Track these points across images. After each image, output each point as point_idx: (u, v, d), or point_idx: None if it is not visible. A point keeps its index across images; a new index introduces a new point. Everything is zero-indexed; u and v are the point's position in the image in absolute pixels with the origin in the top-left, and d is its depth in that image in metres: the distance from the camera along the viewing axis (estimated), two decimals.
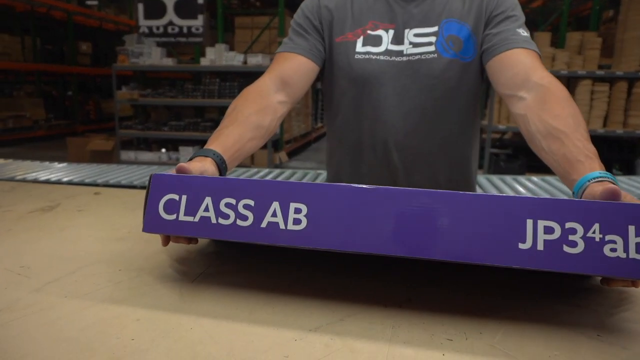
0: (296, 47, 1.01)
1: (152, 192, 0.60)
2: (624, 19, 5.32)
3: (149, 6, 6.36)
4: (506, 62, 0.91)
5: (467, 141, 1.07)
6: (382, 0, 1.02)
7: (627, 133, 5.23)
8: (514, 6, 0.98)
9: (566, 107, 0.78)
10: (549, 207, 0.49)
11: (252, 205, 0.56)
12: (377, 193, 0.53)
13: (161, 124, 6.31)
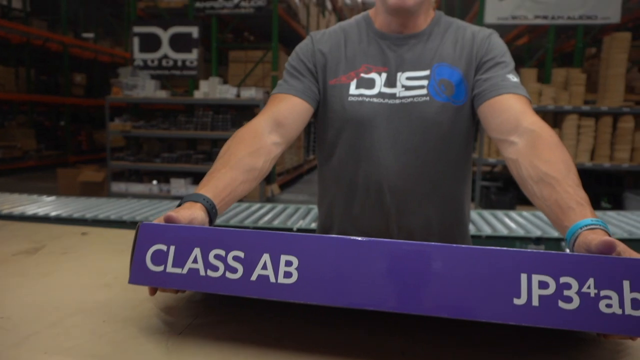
0: (291, 88, 1.02)
1: (139, 242, 0.59)
2: (607, 57, 5.49)
3: (144, 40, 6.46)
4: (497, 107, 0.93)
5: (460, 183, 1.07)
6: (374, 44, 1.04)
7: (614, 166, 5.31)
8: (503, 52, 1.01)
9: (557, 153, 0.79)
10: (543, 261, 0.49)
11: (242, 257, 0.55)
12: (369, 245, 0.53)
13: (153, 155, 6.31)
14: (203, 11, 6.38)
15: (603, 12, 5.48)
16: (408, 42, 1.02)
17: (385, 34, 1.04)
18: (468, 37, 1.03)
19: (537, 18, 5.64)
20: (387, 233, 1.05)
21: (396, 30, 1.03)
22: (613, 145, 5.33)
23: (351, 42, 1.05)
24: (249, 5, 6.27)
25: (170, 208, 2.82)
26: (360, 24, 1.08)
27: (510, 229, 2.26)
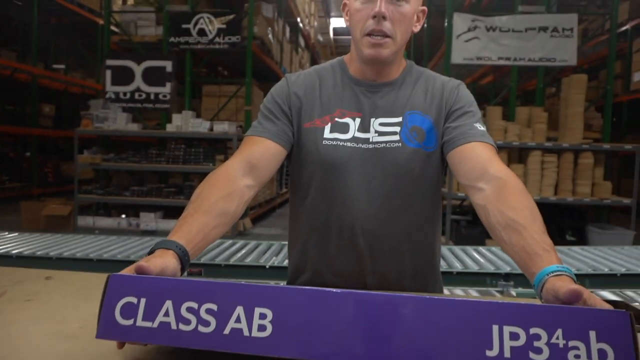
0: (264, 131, 1.03)
1: (108, 294, 0.57)
2: (566, 97, 5.78)
3: (117, 73, 6.43)
4: (465, 154, 0.97)
5: (431, 226, 1.09)
6: (349, 89, 1.07)
7: (577, 201, 5.51)
8: (471, 102, 1.06)
9: (522, 200, 0.83)
10: (513, 311, 0.50)
11: (215, 309, 0.54)
12: (344, 297, 0.53)
13: (123, 188, 6.18)
14: (177, 46, 6.43)
15: (561, 55, 5.81)
16: (382, 89, 1.06)
17: (359, 81, 1.07)
18: (438, 86, 1.07)
19: (500, 59, 5.93)
20: (360, 275, 1.05)
21: (370, 77, 1.06)
22: (575, 180, 5.54)
23: (326, 86, 1.08)
24: (223, 41, 6.36)
25: (139, 245, 2.74)
26: (335, 68, 1.11)
27: (480, 265, 2.29)
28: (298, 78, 1.10)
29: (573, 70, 7.27)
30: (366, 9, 0.98)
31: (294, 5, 9.04)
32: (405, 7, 0.98)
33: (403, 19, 0.99)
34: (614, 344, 0.47)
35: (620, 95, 8.61)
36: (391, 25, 0.98)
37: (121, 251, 2.53)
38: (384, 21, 0.97)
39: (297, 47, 10.08)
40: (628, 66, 8.71)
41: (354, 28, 1.02)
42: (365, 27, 0.99)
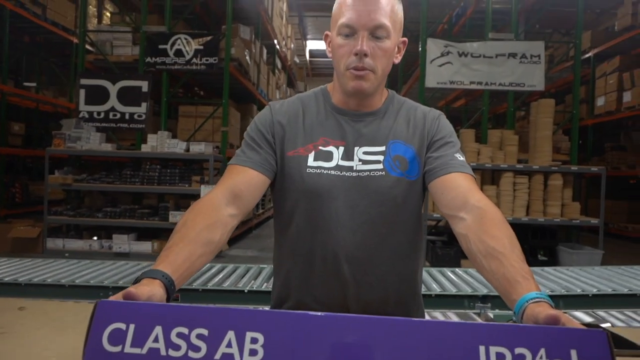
0: (248, 160, 1.04)
1: (96, 320, 0.56)
2: (535, 120, 5.99)
3: (91, 92, 6.34)
4: (447, 184, 1.00)
5: (414, 254, 1.11)
6: (332, 118, 1.09)
7: (548, 221, 5.66)
8: (451, 133, 1.10)
9: (502, 229, 0.87)
10: (498, 333, 0.52)
11: (206, 334, 0.54)
12: (333, 320, 0.54)
13: (95, 210, 6.03)
14: (154, 66, 6.41)
15: (529, 80, 6.04)
16: (365, 119, 1.08)
17: (343, 110, 1.09)
18: (420, 117, 1.10)
19: (472, 84, 6.12)
20: (344, 303, 1.05)
21: (353, 107, 1.09)
22: (545, 201, 5.71)
23: (309, 114, 1.10)
24: (200, 62, 6.37)
25: (113, 269, 2.67)
26: (318, 97, 1.13)
27: (458, 287, 2.32)
28: (282, 106, 1.12)
29: (541, 94, 7.56)
30: (348, 45, 1.01)
31: (271, 27, 9.16)
32: (386, 42, 1.01)
33: (384, 54, 1.02)
34: None
35: (585, 119, 8.98)
36: (373, 60, 1.00)
37: (94, 276, 2.46)
38: (366, 58, 0.99)
39: (274, 68, 10.17)
40: (592, 91, 9.11)
41: (337, 62, 1.04)
42: (348, 63, 1.01)
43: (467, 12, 8.67)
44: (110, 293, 2.34)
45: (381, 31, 1.00)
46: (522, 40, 6.63)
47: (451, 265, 5.34)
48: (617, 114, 8.40)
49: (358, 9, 0.99)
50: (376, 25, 0.99)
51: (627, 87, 8.13)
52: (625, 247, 7.73)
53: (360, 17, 0.98)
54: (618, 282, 2.47)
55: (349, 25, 0.99)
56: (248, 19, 8.28)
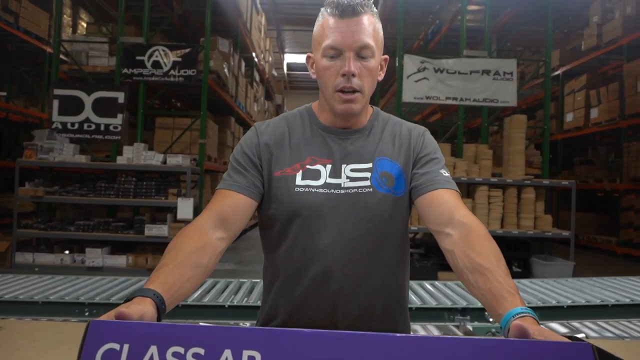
0: (234, 184, 1.05)
1: (88, 341, 0.56)
2: (508, 135, 6.16)
3: (65, 102, 6.21)
4: (433, 201, 1.03)
5: (401, 269, 1.12)
6: (319, 136, 1.10)
7: (521, 233, 5.80)
8: (436, 149, 1.13)
9: (487, 245, 0.90)
10: (486, 347, 0.54)
11: (202, 354, 0.54)
12: (331, 338, 0.55)
13: (67, 223, 5.87)
14: (131, 77, 6.34)
15: (502, 96, 6.23)
16: (351, 136, 1.10)
17: (329, 128, 1.11)
18: (405, 133, 1.13)
19: (448, 99, 6.27)
20: (332, 319, 1.06)
21: (340, 126, 1.11)
22: (519, 214, 5.85)
23: (295, 133, 1.11)
24: (178, 74, 6.33)
25: (89, 285, 2.60)
26: (303, 116, 1.15)
27: (437, 300, 2.35)
28: (267, 127, 1.12)
29: (513, 110, 7.79)
30: (334, 66, 1.02)
31: (249, 40, 9.19)
32: (372, 61, 1.03)
33: (370, 73, 1.04)
34: None
35: (555, 134, 9.27)
36: (360, 80, 1.02)
37: (69, 292, 2.39)
38: (353, 78, 1.01)
39: (252, 81, 10.19)
40: (561, 107, 9.43)
41: (324, 84, 1.06)
42: (335, 84, 1.03)
43: (442, 29, 8.91)
44: (86, 310, 2.28)
45: (366, 51, 1.02)
46: (495, 57, 6.84)
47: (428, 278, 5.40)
48: (585, 129, 8.72)
49: (342, 31, 1.01)
50: (361, 46, 1.01)
51: (594, 104, 8.46)
52: (594, 258, 7.97)
53: (345, 38, 1.00)
54: (590, 293, 2.55)
55: (334, 47, 1.01)
56: (227, 32, 8.30)
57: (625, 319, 2.31)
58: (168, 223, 5.72)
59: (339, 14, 1.01)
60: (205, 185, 6.58)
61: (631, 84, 7.64)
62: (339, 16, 1.01)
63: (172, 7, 7.59)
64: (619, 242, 7.93)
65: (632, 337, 2.08)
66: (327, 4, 1.04)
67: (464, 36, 6.60)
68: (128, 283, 2.64)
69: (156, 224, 5.71)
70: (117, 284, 2.61)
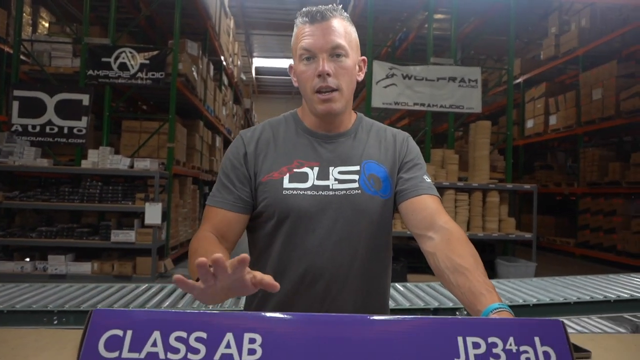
0: (223, 202, 1.09)
1: (91, 328, 0.56)
2: (474, 141, 6.35)
3: (25, 104, 5.99)
4: (416, 206, 1.07)
5: (385, 270, 1.16)
6: (305, 140, 1.13)
7: (486, 236, 5.98)
8: (419, 155, 1.18)
9: (467, 248, 0.95)
10: (473, 325, 0.58)
11: (205, 337, 0.55)
12: (327, 320, 0.57)
13: (28, 229, 5.65)
14: (96, 79, 6.18)
15: (468, 103, 6.43)
16: (337, 139, 1.14)
17: (315, 132, 1.14)
18: (390, 138, 1.18)
19: (416, 105, 6.41)
20: None
21: (325, 129, 1.14)
22: (484, 217, 6.04)
23: (281, 138, 1.13)
24: (146, 76, 6.22)
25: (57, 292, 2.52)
26: (288, 121, 1.17)
27: (410, 301, 2.41)
28: (253, 134, 1.15)
29: (477, 116, 8.05)
30: (310, 68, 1.07)
31: (218, 44, 9.13)
32: (346, 61, 1.08)
33: (346, 72, 1.08)
34: (554, 346, 0.57)
35: (517, 140, 9.63)
36: (336, 79, 1.06)
37: (36, 300, 2.31)
38: (329, 77, 1.05)
39: (220, 85, 10.11)
40: (522, 114, 9.81)
41: (303, 87, 1.10)
42: (313, 85, 1.07)
43: (409, 37, 9.12)
44: (55, 318, 2.21)
45: (339, 50, 1.07)
46: (460, 65, 7.06)
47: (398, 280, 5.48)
48: (544, 135, 9.10)
49: (314, 34, 1.06)
50: (333, 46, 1.06)
51: (553, 111, 8.85)
52: (554, 258, 8.30)
53: (317, 41, 1.05)
54: (554, 291, 2.67)
55: (308, 49, 1.06)
56: (195, 35, 8.22)
57: (585, 316, 2.44)
58: (135, 228, 5.59)
59: (310, 20, 1.07)
60: (173, 189, 6.47)
61: (587, 92, 8.04)
62: (309, 22, 1.07)
63: (139, 8, 7.46)
64: (577, 243, 8.29)
65: (592, 332, 2.20)
66: (299, 14, 1.10)
67: (430, 44, 6.79)
68: (97, 290, 2.58)
69: (123, 230, 5.57)
70: (86, 291, 2.55)
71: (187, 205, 7.39)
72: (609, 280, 3.00)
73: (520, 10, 7.76)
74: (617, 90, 7.36)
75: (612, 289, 2.71)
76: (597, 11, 8.16)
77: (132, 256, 5.67)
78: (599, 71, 7.82)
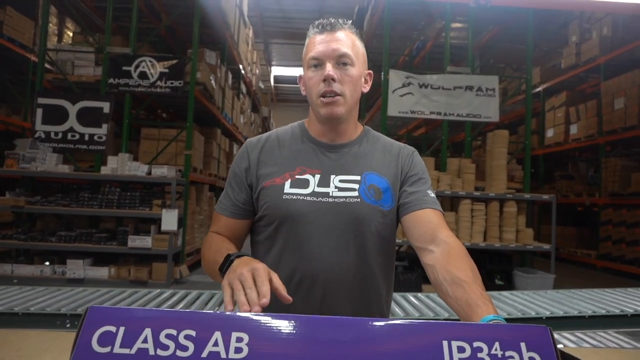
0: (227, 209, 1.17)
1: (86, 324, 0.58)
2: (491, 150, 6.28)
3: (48, 111, 6.17)
4: (419, 219, 1.08)
5: (384, 279, 1.16)
6: (309, 148, 1.16)
7: (504, 247, 5.89)
8: (424, 170, 1.19)
9: (466, 262, 0.96)
10: (458, 329, 0.58)
11: (194, 335, 0.57)
12: (316, 322, 0.58)
13: (48, 233, 5.79)
14: (117, 87, 6.33)
15: (485, 112, 6.37)
16: (341, 149, 1.16)
17: (319, 141, 1.17)
18: (395, 152, 1.19)
19: (432, 114, 6.39)
20: None
21: (330, 138, 1.16)
22: (501, 227, 5.95)
23: (286, 146, 1.17)
24: (165, 85, 6.35)
25: (70, 296, 2.57)
26: (295, 130, 1.21)
27: (420, 312, 2.39)
28: (258, 142, 1.19)
29: (495, 125, 7.96)
30: (317, 75, 1.11)
31: (236, 53, 9.26)
32: (351, 69, 1.12)
33: (351, 79, 1.12)
34: (541, 352, 0.57)
35: (536, 149, 9.49)
36: (340, 85, 1.10)
37: (50, 303, 2.36)
38: (334, 83, 1.09)
39: (239, 93, 10.24)
40: (542, 123, 9.67)
41: (310, 92, 1.14)
42: (318, 90, 1.11)
43: (426, 45, 9.10)
44: (68, 321, 2.26)
45: (345, 59, 1.11)
46: (478, 74, 7.01)
47: (413, 290, 5.43)
48: (565, 145, 8.94)
49: (323, 44, 1.12)
50: (339, 55, 1.11)
51: (574, 120, 8.70)
52: (574, 271, 8.11)
53: (325, 49, 1.11)
54: (569, 304, 2.62)
55: (316, 57, 1.11)
56: (214, 44, 8.36)
57: (601, 330, 2.38)
58: (152, 234, 5.68)
59: (320, 30, 1.14)
60: (190, 196, 6.55)
61: (608, 101, 7.89)
62: (319, 32, 1.13)
63: (159, 18, 7.63)
64: (598, 255, 8.10)
65: (607, 347, 2.14)
66: (311, 26, 1.16)
67: (447, 53, 6.76)
68: (111, 294, 2.63)
69: (140, 235, 5.66)
70: (100, 295, 2.60)
71: (204, 212, 7.47)
72: (628, 294, 2.93)
73: (539, 19, 7.68)
74: None
75: (630, 303, 2.64)
76: (619, 20, 8.03)
77: (149, 262, 5.75)
78: (621, 80, 7.68)
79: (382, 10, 7.25)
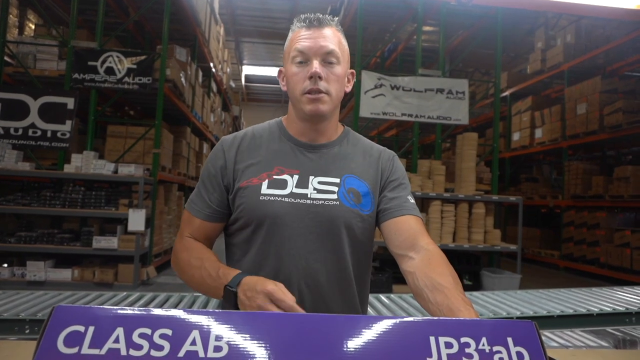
0: (199, 212, 1.12)
1: (51, 324, 0.54)
2: (461, 152, 6.40)
3: (8, 106, 5.90)
4: (399, 226, 1.07)
5: (361, 283, 1.14)
6: (288, 148, 1.12)
7: (472, 247, 6.00)
8: (404, 175, 1.18)
9: (446, 269, 0.96)
10: (445, 325, 0.57)
11: (170, 334, 0.53)
12: (296, 320, 0.56)
13: (7, 234, 5.53)
14: (82, 83, 6.11)
15: (455, 114, 6.49)
16: (320, 150, 1.13)
17: (298, 140, 1.13)
18: (375, 155, 1.17)
19: (404, 115, 6.45)
20: None
21: (310, 137, 1.13)
22: (470, 228, 6.06)
23: (264, 145, 1.12)
24: (133, 81, 6.17)
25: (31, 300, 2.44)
26: (272, 128, 1.17)
27: (393, 312, 2.39)
28: (234, 140, 1.14)
29: (465, 128, 8.12)
30: (302, 71, 1.07)
31: (207, 50, 9.12)
32: (337, 68, 1.09)
33: (337, 78, 1.09)
34: (528, 347, 0.56)
35: (503, 152, 9.74)
36: (326, 83, 1.07)
37: (8, 308, 2.22)
38: (320, 80, 1.06)
39: (209, 91, 10.09)
40: (509, 127, 9.93)
41: (293, 89, 1.09)
42: (303, 87, 1.07)
43: (398, 48, 9.20)
44: (27, 327, 2.13)
45: (331, 57, 1.08)
46: (448, 77, 7.13)
47: (383, 291, 5.47)
48: (530, 148, 9.21)
49: (309, 38, 1.07)
50: (327, 52, 1.07)
51: (539, 124, 8.97)
52: (539, 270, 8.36)
53: (312, 44, 1.07)
54: (538, 304, 2.67)
55: (302, 51, 1.07)
56: (184, 41, 8.20)
57: (568, 329, 2.44)
58: (118, 235, 5.51)
59: (307, 25, 1.09)
60: (158, 196, 6.39)
61: (571, 107, 8.18)
62: (306, 27, 1.09)
63: (127, 13, 7.43)
64: (561, 255, 8.37)
65: (575, 346, 2.19)
66: (296, 19, 1.11)
67: (419, 55, 6.85)
68: (74, 297, 2.50)
69: (105, 236, 5.49)
70: (63, 298, 2.47)
71: (172, 212, 7.31)
72: (593, 294, 3.02)
73: (507, 25, 7.89)
74: (601, 105, 7.50)
75: (595, 303, 2.72)
76: (582, 28, 8.33)
77: (114, 263, 5.57)
78: (584, 86, 7.96)
79: (355, 12, 7.28)
